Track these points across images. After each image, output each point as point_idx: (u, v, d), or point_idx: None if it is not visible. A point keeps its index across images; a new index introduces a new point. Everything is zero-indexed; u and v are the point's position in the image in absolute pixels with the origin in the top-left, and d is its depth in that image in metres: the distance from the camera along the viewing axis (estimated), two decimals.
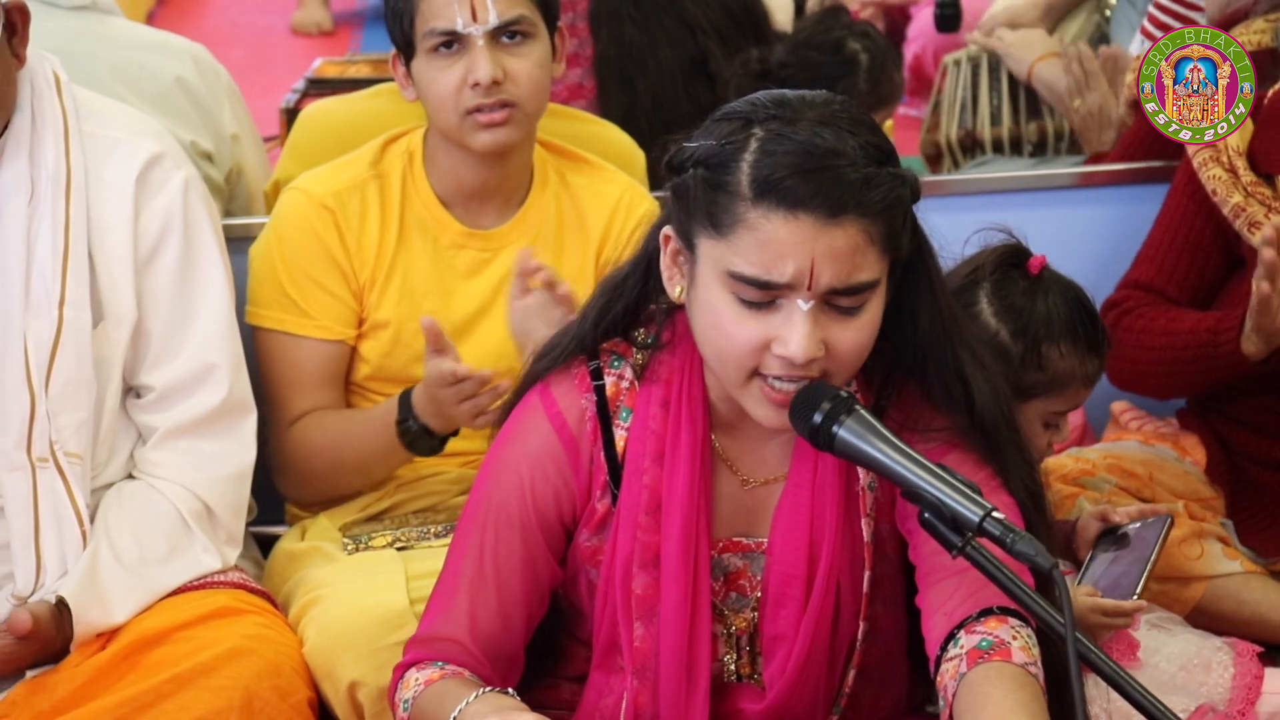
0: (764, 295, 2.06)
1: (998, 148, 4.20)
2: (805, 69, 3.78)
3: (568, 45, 3.14)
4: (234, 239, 2.93)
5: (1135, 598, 2.63)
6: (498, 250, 2.98)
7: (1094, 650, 2.02)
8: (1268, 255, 2.85)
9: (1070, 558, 2.81)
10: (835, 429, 2.07)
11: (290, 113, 4.06)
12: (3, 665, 2.56)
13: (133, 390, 2.73)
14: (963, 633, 2.09)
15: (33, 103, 2.64)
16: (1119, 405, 3.36)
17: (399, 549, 2.85)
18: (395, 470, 2.98)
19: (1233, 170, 3.10)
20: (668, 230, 2.16)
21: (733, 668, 2.28)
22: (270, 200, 3.31)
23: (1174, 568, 2.99)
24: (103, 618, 2.59)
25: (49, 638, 2.57)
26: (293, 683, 2.57)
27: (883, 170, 2.06)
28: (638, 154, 3.29)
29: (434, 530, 2.88)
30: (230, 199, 3.39)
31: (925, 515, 2.04)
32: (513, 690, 2.18)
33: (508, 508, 2.24)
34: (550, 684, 2.37)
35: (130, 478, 2.73)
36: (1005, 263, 2.68)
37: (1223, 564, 3.04)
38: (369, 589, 2.69)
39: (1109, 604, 2.59)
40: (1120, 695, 2.02)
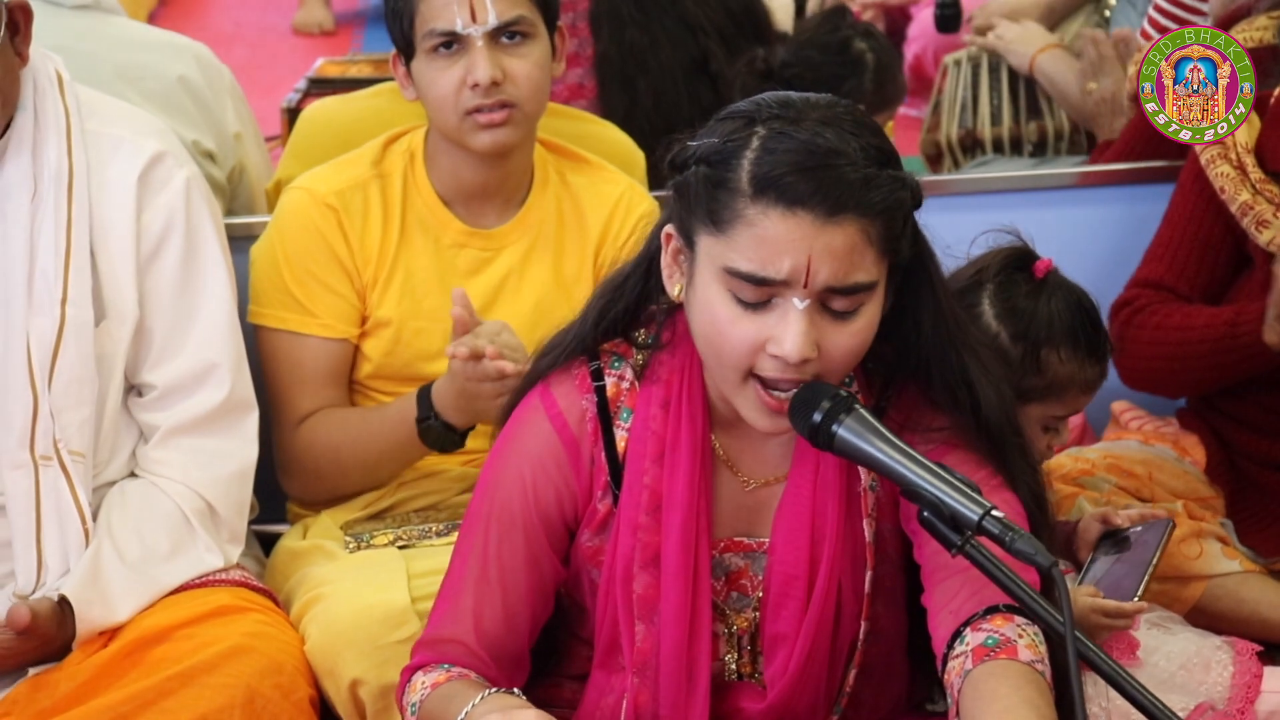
0: (760, 293, 2.06)
1: (998, 147, 4.20)
2: (811, 69, 3.79)
3: (568, 45, 3.14)
4: (236, 238, 2.93)
5: (1136, 600, 2.64)
6: (499, 249, 2.98)
7: (1093, 649, 2.02)
8: None
9: (1071, 559, 2.81)
10: (835, 428, 2.08)
11: (292, 112, 4.05)
12: (3, 662, 2.56)
13: (135, 388, 2.73)
14: (969, 630, 2.09)
15: (35, 101, 2.65)
16: (1119, 405, 3.36)
17: (401, 547, 2.85)
18: (403, 469, 2.98)
19: (1241, 168, 3.08)
20: (669, 229, 2.16)
21: (734, 667, 2.28)
22: (271, 199, 3.31)
23: (1173, 567, 2.98)
24: (105, 616, 2.59)
25: (50, 635, 2.57)
26: (294, 681, 2.57)
27: (883, 172, 2.06)
28: (638, 154, 3.29)
29: (435, 529, 2.89)
30: (232, 198, 3.39)
31: (924, 514, 2.05)
32: (518, 690, 2.19)
33: (510, 509, 2.25)
34: (552, 682, 2.37)
35: (132, 476, 2.73)
36: (1010, 265, 2.67)
37: (1222, 563, 3.03)
38: (370, 587, 2.69)
39: (1110, 605, 2.59)
40: (1119, 694, 2.02)
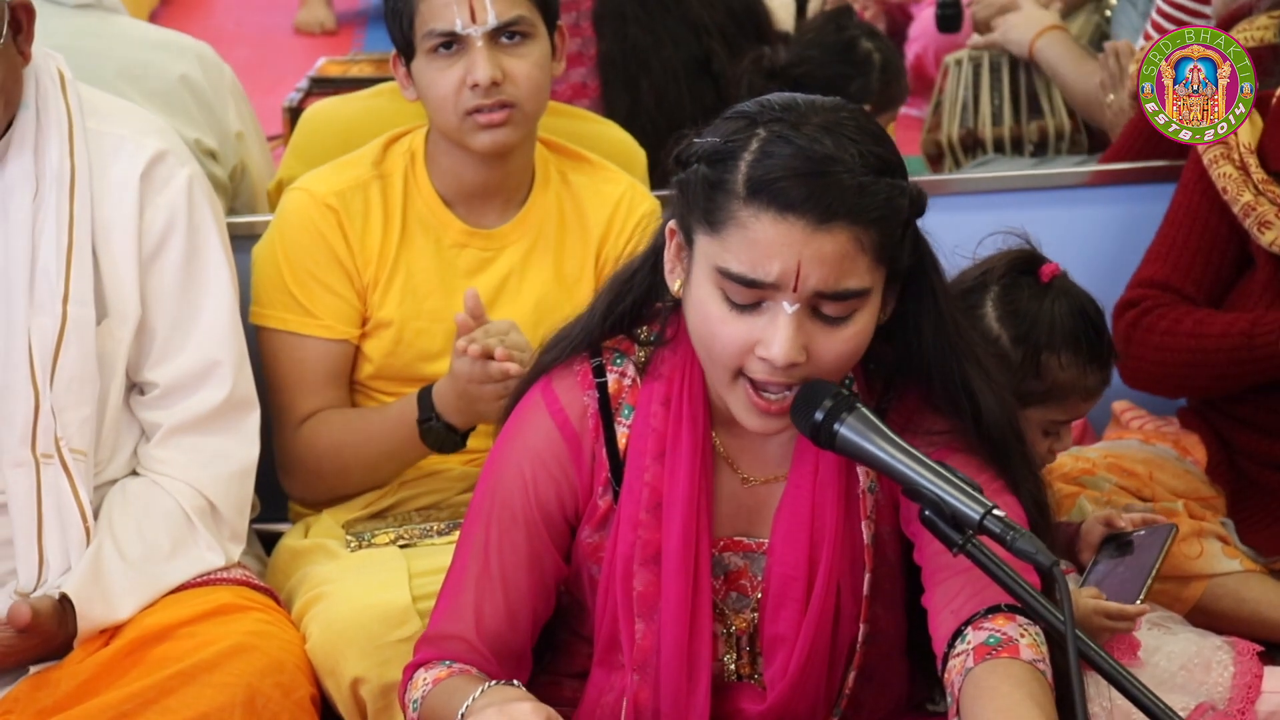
0: (751, 295, 2.06)
1: (999, 147, 4.20)
2: (819, 67, 3.80)
3: (570, 45, 3.14)
4: (238, 237, 2.93)
5: (1139, 603, 2.64)
6: (500, 249, 2.98)
7: (1094, 648, 2.02)
8: None
9: (1073, 560, 2.81)
10: (836, 426, 2.08)
11: (294, 112, 4.05)
12: (3, 659, 2.56)
13: (136, 387, 2.73)
14: (970, 629, 2.09)
15: (37, 100, 2.64)
16: (1120, 404, 3.36)
17: (402, 546, 2.85)
18: (404, 469, 2.98)
19: (1244, 168, 3.08)
20: (672, 224, 2.17)
21: (732, 668, 2.28)
22: (273, 199, 3.31)
23: (1174, 566, 2.98)
24: (106, 614, 2.59)
25: (51, 633, 2.57)
26: (295, 679, 2.57)
27: (881, 180, 2.05)
28: (639, 153, 3.29)
29: (437, 528, 2.89)
30: (234, 197, 3.39)
31: (926, 513, 2.05)
32: (518, 682, 2.18)
33: (511, 505, 2.25)
34: (552, 680, 2.37)
35: (134, 474, 2.73)
36: (1016, 268, 2.67)
37: (1223, 563, 3.03)
38: (372, 586, 2.69)
39: (1113, 607, 2.59)
40: (1120, 693, 2.02)
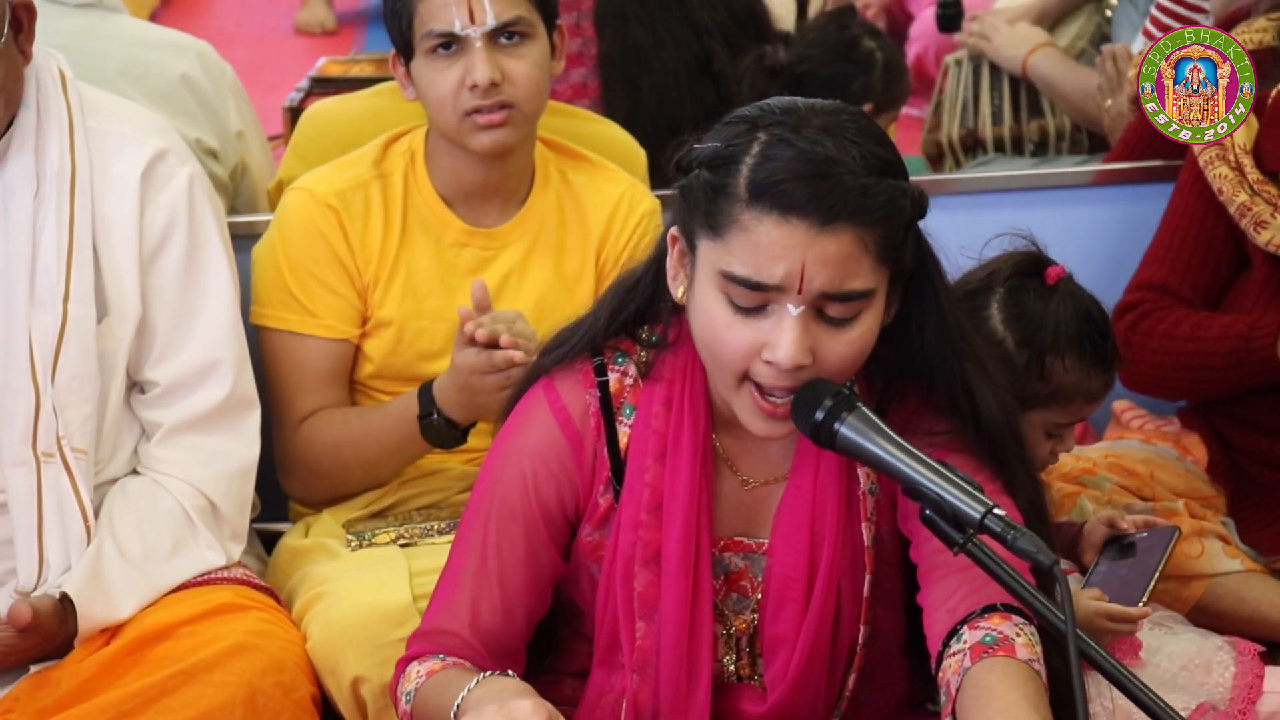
0: (755, 299, 2.06)
1: (999, 147, 4.20)
2: (820, 66, 3.80)
3: (570, 45, 3.14)
4: (238, 236, 2.93)
5: (1141, 606, 2.64)
6: (500, 248, 2.98)
7: (1095, 647, 2.02)
8: None
9: (1075, 561, 2.81)
10: (837, 426, 2.08)
11: (294, 111, 4.06)
12: (4, 659, 2.56)
13: (137, 386, 2.73)
14: (966, 629, 2.09)
15: (38, 99, 2.65)
16: (1120, 404, 3.36)
17: (402, 545, 2.85)
18: (404, 468, 2.98)
19: (1239, 168, 3.09)
20: (674, 230, 2.17)
21: (732, 669, 2.28)
22: (273, 199, 3.31)
23: (1175, 566, 2.98)
24: (107, 613, 2.59)
25: (52, 632, 2.57)
26: (296, 679, 2.57)
27: (883, 181, 2.05)
28: (639, 153, 3.29)
29: (437, 527, 2.88)
30: (235, 196, 3.40)
31: (926, 512, 2.05)
32: (514, 673, 2.18)
33: (510, 502, 2.25)
34: (553, 680, 2.37)
35: (134, 473, 2.73)
36: (1021, 270, 2.67)
37: (1223, 562, 3.04)
38: (372, 585, 2.69)
39: (1115, 609, 2.59)
40: (1121, 692, 2.02)
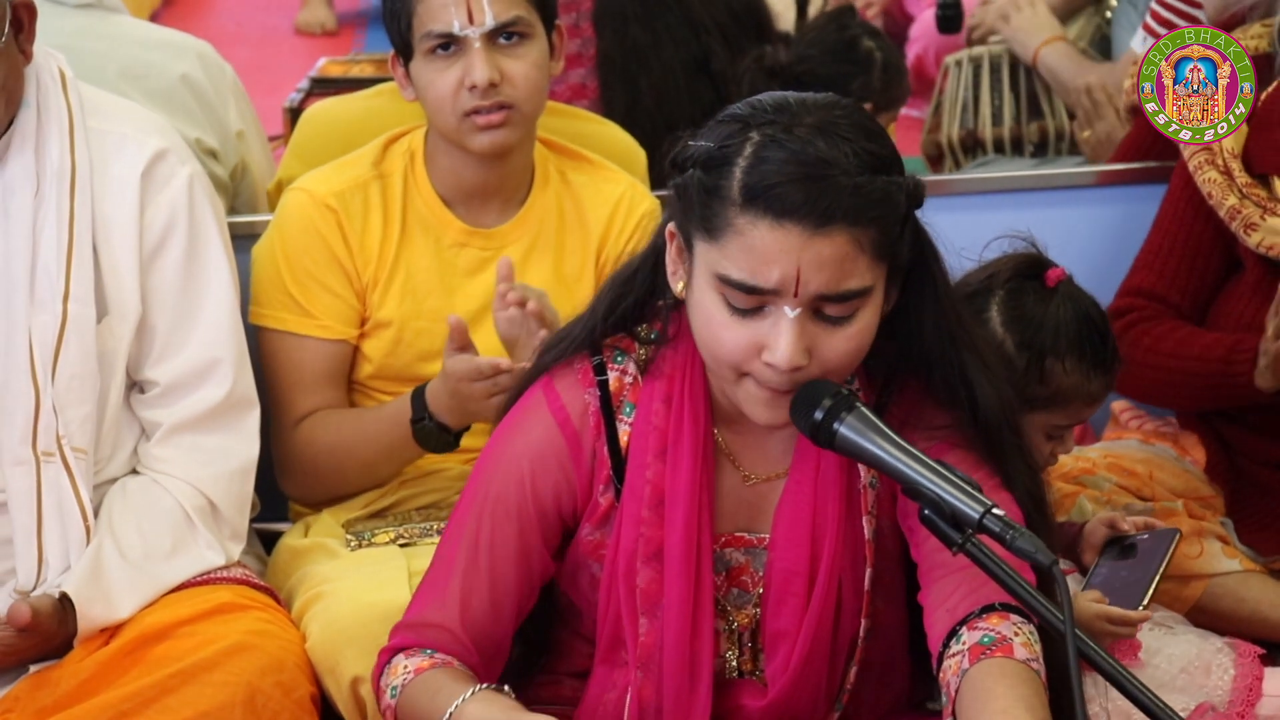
0: (752, 301, 2.06)
1: (999, 148, 4.20)
2: (820, 66, 3.81)
3: (570, 46, 3.14)
4: (238, 236, 2.93)
5: (1141, 609, 2.64)
6: (499, 248, 2.98)
7: (1093, 647, 2.02)
8: None
9: (1075, 561, 2.81)
10: (836, 426, 2.08)
11: (294, 112, 4.06)
12: (3, 658, 2.56)
13: (136, 385, 2.73)
14: (965, 629, 2.10)
15: (38, 99, 2.65)
16: (1119, 404, 3.37)
17: (402, 545, 2.85)
18: (401, 469, 2.98)
19: (1228, 172, 3.10)
20: (671, 226, 2.17)
21: (734, 664, 2.28)
22: (273, 199, 3.31)
23: (1174, 566, 2.97)
24: (106, 613, 2.59)
25: (51, 632, 2.57)
26: (295, 678, 2.57)
27: (877, 179, 2.05)
28: (639, 153, 3.29)
29: (437, 527, 2.88)
30: (235, 196, 3.40)
31: (925, 512, 2.05)
32: (508, 688, 2.17)
33: (505, 500, 2.25)
34: (552, 680, 2.37)
35: (134, 473, 2.73)
36: (1021, 272, 2.67)
37: (1222, 562, 3.04)
38: (372, 585, 2.69)
39: (1115, 612, 2.59)
40: (1120, 692, 2.02)
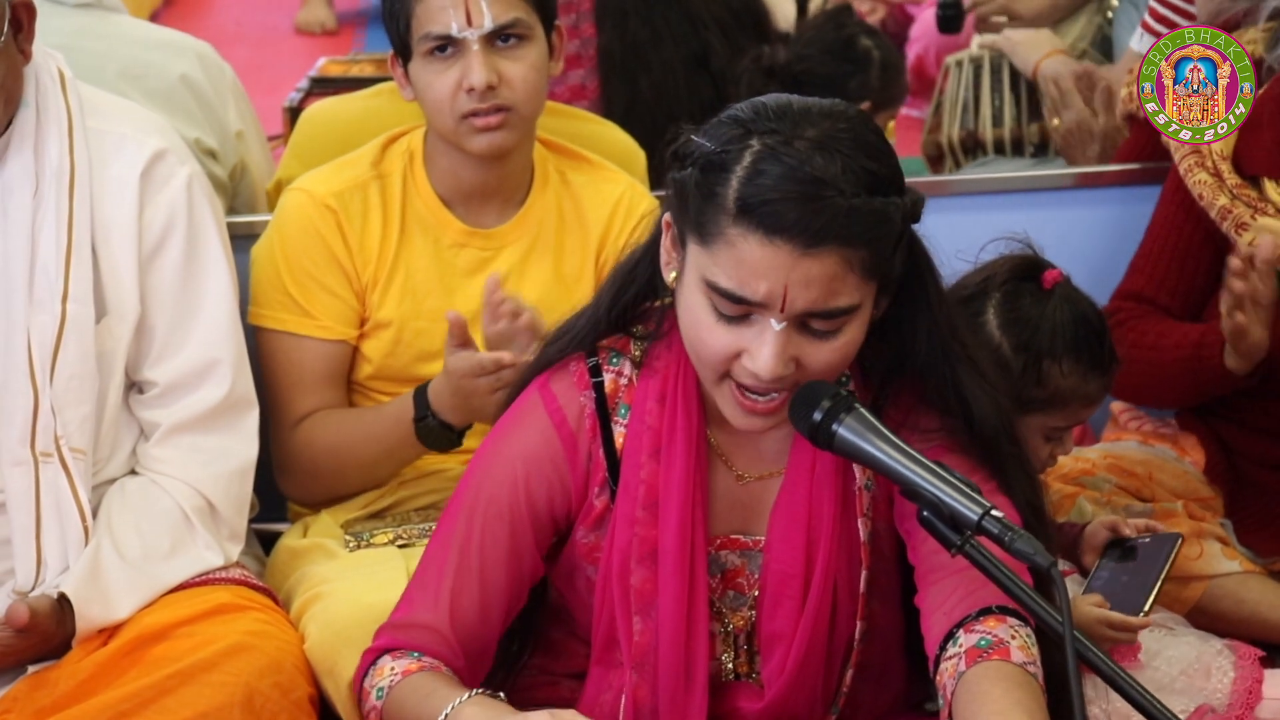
0: (738, 309, 2.06)
1: (999, 148, 4.20)
2: (818, 65, 3.81)
3: (569, 46, 3.13)
4: (237, 236, 2.93)
5: (1143, 615, 2.64)
6: (499, 249, 2.98)
7: (1093, 650, 2.02)
8: (1237, 286, 2.87)
9: (1075, 562, 2.81)
10: (835, 427, 2.08)
11: (294, 111, 4.06)
12: (2, 659, 2.55)
13: (135, 386, 2.73)
14: (962, 632, 2.10)
15: (37, 99, 2.65)
16: (1118, 405, 3.37)
17: (400, 546, 2.85)
18: (400, 469, 2.98)
19: (1217, 174, 3.11)
20: (668, 217, 2.17)
21: (730, 666, 2.28)
22: (272, 199, 3.31)
23: (1174, 567, 2.98)
24: (105, 613, 2.58)
25: (49, 632, 2.57)
26: (294, 679, 2.57)
27: (873, 200, 2.03)
28: (638, 153, 3.29)
29: (435, 528, 2.88)
30: (234, 196, 3.40)
31: (924, 513, 2.05)
32: (503, 695, 2.17)
33: (498, 501, 2.25)
34: (549, 680, 2.37)
35: (132, 474, 2.73)
36: (1018, 274, 2.66)
37: (1222, 564, 3.04)
38: (370, 586, 2.69)
39: (1116, 617, 2.60)
40: (1119, 694, 2.02)
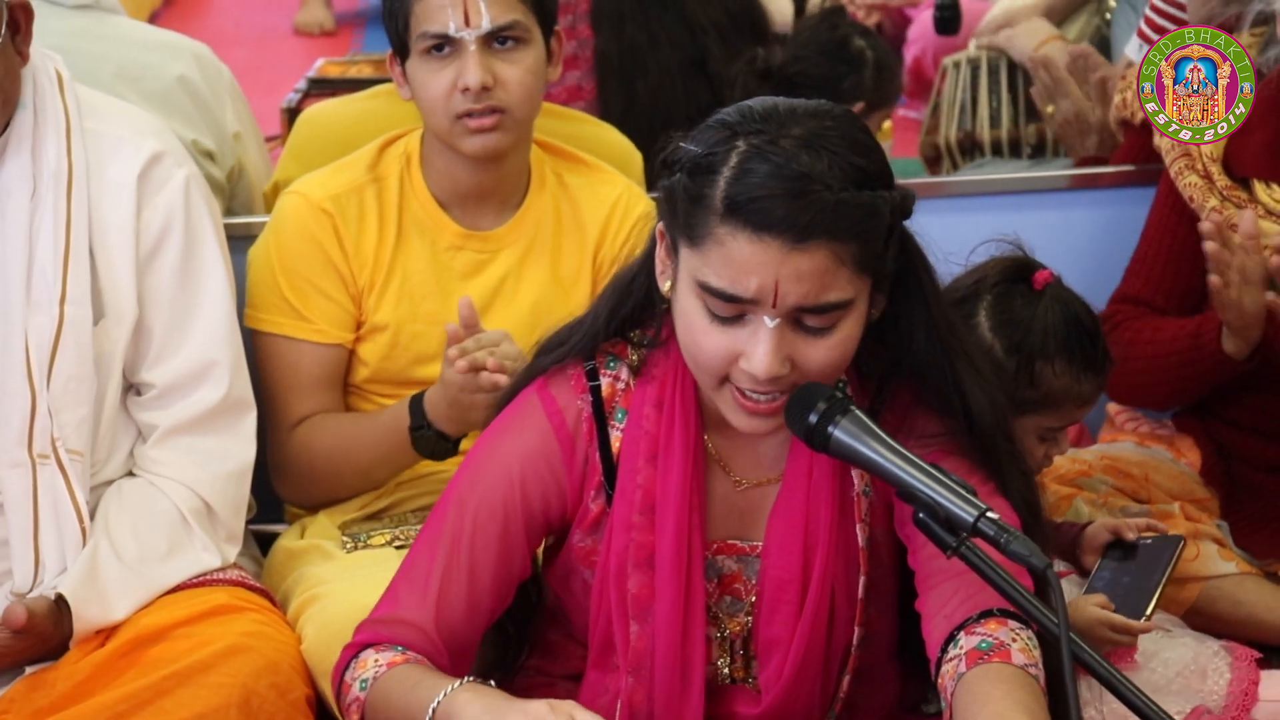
0: (731, 309, 2.06)
1: (997, 150, 4.21)
2: (812, 66, 3.81)
3: (566, 47, 3.13)
4: (235, 237, 2.93)
5: (1145, 619, 2.64)
6: (496, 251, 2.98)
7: (1088, 651, 2.02)
8: (1209, 248, 2.89)
9: (1074, 563, 2.81)
10: (830, 429, 2.08)
11: (292, 112, 4.06)
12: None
13: (133, 387, 2.73)
14: (962, 634, 2.10)
15: (35, 100, 2.65)
16: (1115, 406, 3.37)
17: (397, 547, 2.85)
18: (397, 474, 2.98)
19: (1208, 176, 3.12)
20: (661, 226, 2.17)
21: (726, 671, 2.28)
22: (269, 201, 3.31)
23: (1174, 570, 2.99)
24: (102, 615, 2.59)
25: (47, 633, 2.57)
26: (291, 680, 2.57)
27: (861, 194, 2.04)
28: (635, 155, 3.29)
29: None
30: (231, 197, 3.40)
31: (920, 515, 2.05)
32: (493, 682, 2.16)
33: (491, 501, 2.24)
34: (546, 682, 2.37)
35: (130, 475, 2.73)
36: (1009, 276, 2.66)
37: (1218, 565, 3.03)
38: (367, 587, 2.68)
39: (1117, 620, 2.60)
40: (1115, 696, 2.02)
